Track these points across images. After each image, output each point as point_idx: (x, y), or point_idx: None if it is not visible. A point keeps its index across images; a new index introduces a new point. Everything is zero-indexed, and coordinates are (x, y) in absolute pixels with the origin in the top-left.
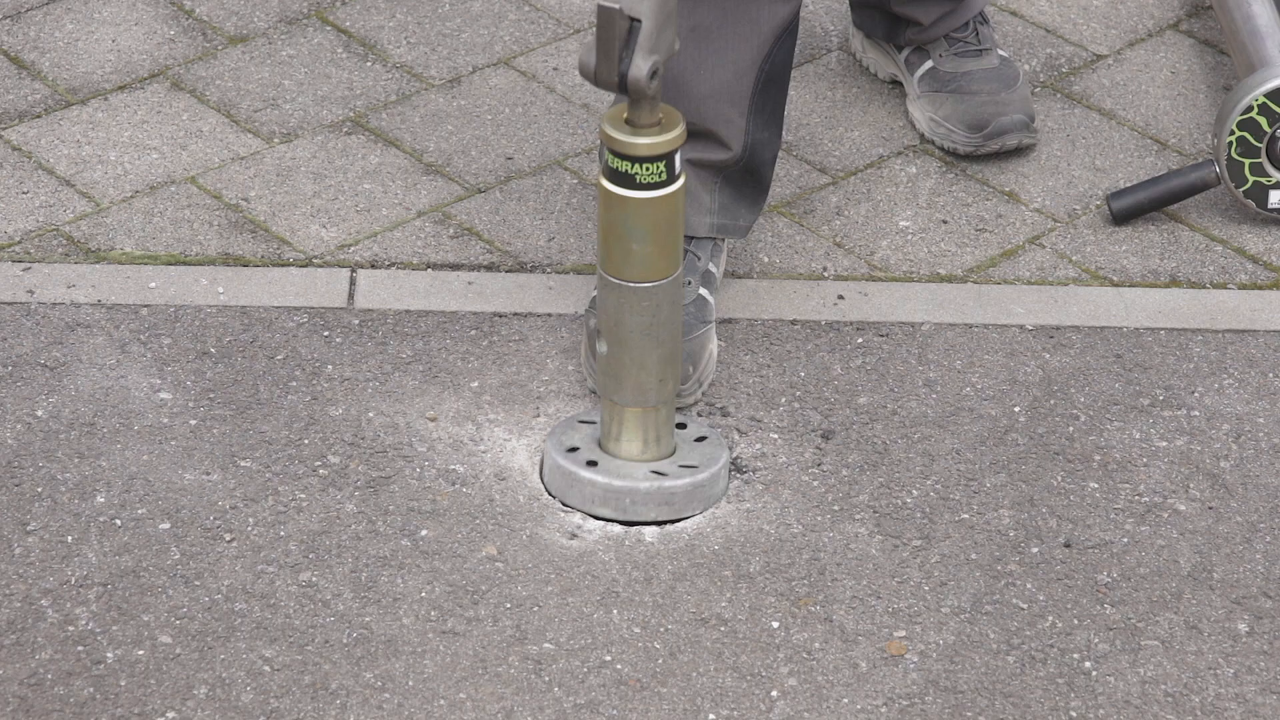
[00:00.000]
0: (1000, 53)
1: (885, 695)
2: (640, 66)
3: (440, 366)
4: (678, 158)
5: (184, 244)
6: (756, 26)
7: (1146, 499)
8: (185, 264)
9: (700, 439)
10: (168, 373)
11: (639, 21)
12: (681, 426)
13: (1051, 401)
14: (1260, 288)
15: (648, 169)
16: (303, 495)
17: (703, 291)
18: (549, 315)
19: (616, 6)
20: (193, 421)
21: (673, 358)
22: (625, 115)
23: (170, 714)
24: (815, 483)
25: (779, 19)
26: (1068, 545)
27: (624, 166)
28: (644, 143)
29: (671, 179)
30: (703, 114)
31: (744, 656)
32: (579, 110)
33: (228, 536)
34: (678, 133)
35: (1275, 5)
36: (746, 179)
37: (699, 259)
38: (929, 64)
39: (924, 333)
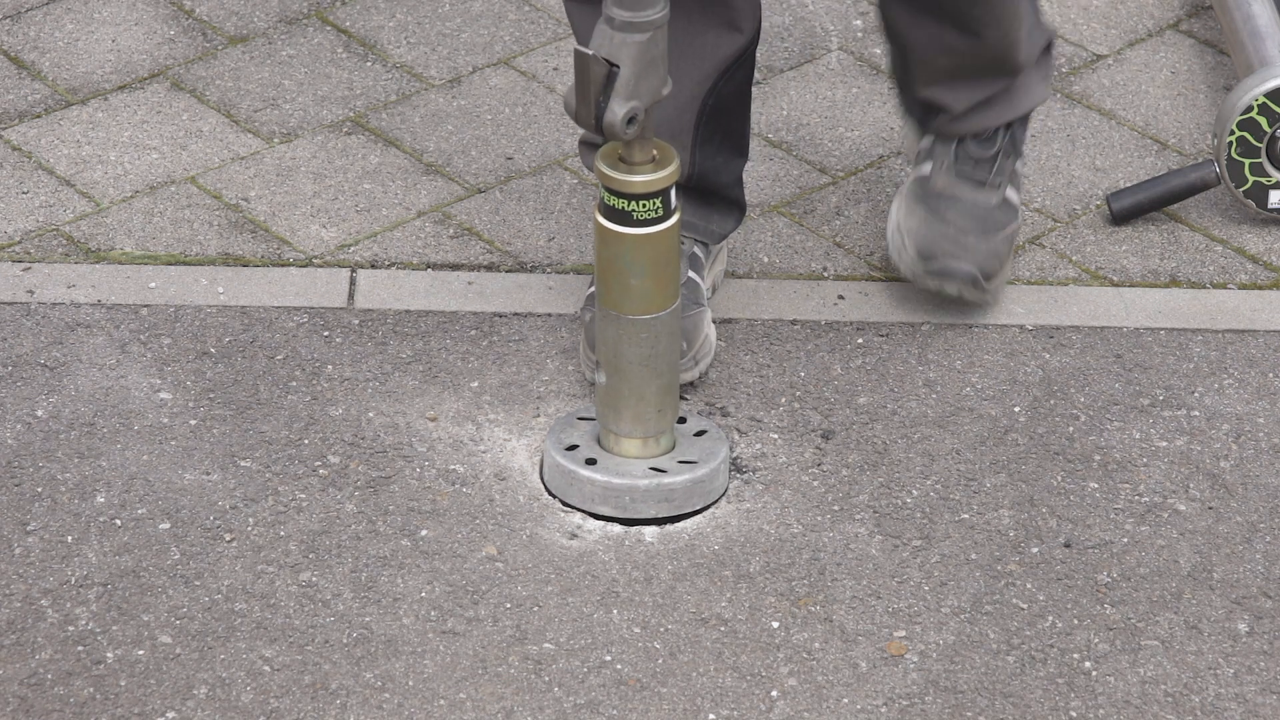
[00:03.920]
0: (1009, 194)
1: (885, 695)
2: (615, 112)
3: (440, 366)
4: (673, 192)
5: (184, 244)
6: (700, 60)
7: (1146, 499)
8: (185, 264)
9: (700, 433)
10: (168, 373)
11: (618, 67)
12: (681, 421)
13: (1051, 401)
14: (1260, 288)
15: (645, 205)
16: (303, 495)
17: (691, 274)
18: (549, 315)
19: (590, 52)
20: (193, 421)
21: (671, 388)
22: (619, 153)
23: (170, 714)
24: (815, 483)
25: (724, 53)
26: (1068, 545)
27: (621, 204)
28: (640, 180)
29: (668, 214)
30: None
31: (744, 656)
32: None
33: (228, 536)
34: (673, 168)
35: (1275, 5)
36: (708, 197)
37: (683, 242)
38: (928, 167)
39: (924, 333)
